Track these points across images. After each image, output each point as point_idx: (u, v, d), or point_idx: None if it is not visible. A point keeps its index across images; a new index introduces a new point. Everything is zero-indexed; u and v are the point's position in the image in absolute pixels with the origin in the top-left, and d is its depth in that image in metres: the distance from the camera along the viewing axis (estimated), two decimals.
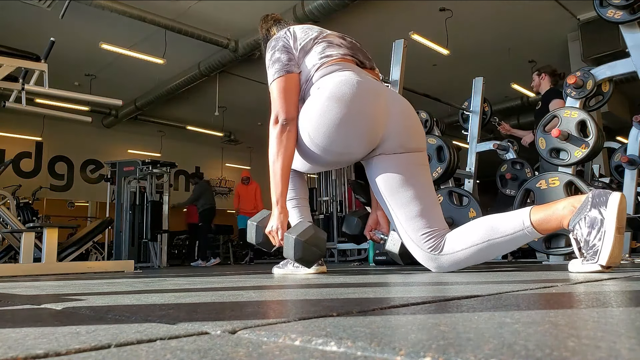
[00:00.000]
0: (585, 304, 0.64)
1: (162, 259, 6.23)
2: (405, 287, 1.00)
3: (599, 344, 0.34)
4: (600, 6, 2.65)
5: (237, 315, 0.59)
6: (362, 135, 1.60)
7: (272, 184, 1.72)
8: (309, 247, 1.66)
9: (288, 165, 1.69)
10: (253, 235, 1.84)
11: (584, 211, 1.30)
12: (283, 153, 1.66)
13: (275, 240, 1.76)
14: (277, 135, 1.67)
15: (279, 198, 1.71)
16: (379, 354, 0.35)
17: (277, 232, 1.73)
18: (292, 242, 1.65)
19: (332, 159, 1.68)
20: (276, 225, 1.73)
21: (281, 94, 1.70)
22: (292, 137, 1.67)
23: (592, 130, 2.60)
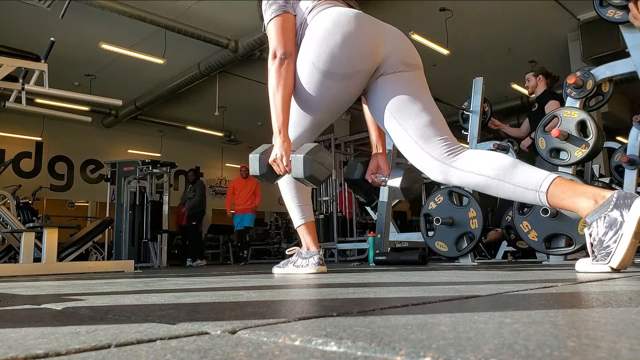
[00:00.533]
0: (585, 304, 0.64)
1: (162, 259, 6.23)
2: (405, 287, 1.00)
3: (599, 344, 0.34)
4: (600, 6, 2.65)
5: (237, 315, 0.59)
6: (365, 51, 1.65)
7: (274, 115, 1.76)
8: (317, 165, 1.69)
9: (288, 96, 1.75)
10: (257, 167, 1.84)
11: (605, 210, 1.28)
12: (283, 85, 1.73)
13: (279, 168, 1.78)
14: (276, 69, 1.73)
15: (281, 127, 1.75)
16: (379, 354, 0.35)
17: (282, 159, 1.75)
18: (302, 160, 1.68)
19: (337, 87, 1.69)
20: (280, 152, 1.75)
21: (279, 31, 1.76)
22: (290, 70, 1.74)
23: (592, 130, 2.60)
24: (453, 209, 3.03)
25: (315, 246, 2.04)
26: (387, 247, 3.60)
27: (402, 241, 4.13)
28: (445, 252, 3.05)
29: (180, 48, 7.46)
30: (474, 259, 3.13)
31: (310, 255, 2.02)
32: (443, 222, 3.00)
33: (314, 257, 2.00)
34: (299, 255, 2.06)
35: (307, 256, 2.03)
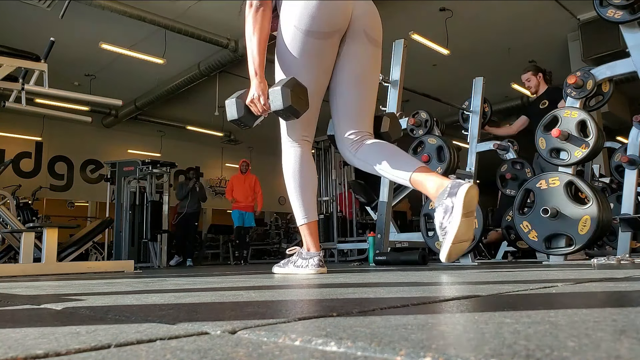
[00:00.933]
0: (585, 304, 0.64)
1: (162, 259, 6.23)
2: (405, 287, 1.00)
3: (599, 344, 0.34)
4: (600, 6, 2.65)
5: (237, 315, 0.59)
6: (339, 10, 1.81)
7: (250, 58, 1.85)
8: (296, 95, 1.72)
9: (264, 39, 1.85)
10: (234, 111, 1.85)
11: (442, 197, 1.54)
12: (259, 29, 1.82)
13: (257, 107, 1.82)
14: (252, 15, 1.83)
15: (257, 69, 1.84)
16: (379, 354, 0.35)
17: (259, 99, 1.81)
18: (279, 91, 1.71)
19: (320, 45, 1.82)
20: (257, 92, 1.81)
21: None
22: (266, 16, 1.84)
23: (592, 130, 2.60)
24: None
25: (316, 248, 2.03)
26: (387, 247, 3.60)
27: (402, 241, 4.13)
28: None
29: (180, 48, 7.46)
30: (474, 259, 3.13)
31: (310, 257, 2.00)
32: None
33: (314, 258, 1.99)
34: (300, 256, 2.05)
35: (307, 257, 2.01)
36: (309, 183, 2.03)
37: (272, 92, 1.74)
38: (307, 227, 2.03)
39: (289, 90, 1.71)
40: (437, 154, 3.14)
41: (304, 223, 2.03)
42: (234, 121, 1.89)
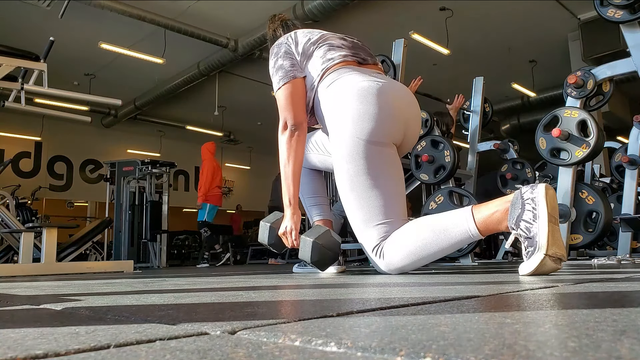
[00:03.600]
0: (586, 304, 0.64)
1: (162, 259, 6.23)
2: (405, 288, 1.00)
3: (600, 344, 0.34)
4: (600, 6, 2.65)
5: (237, 315, 0.59)
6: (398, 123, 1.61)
7: (284, 186, 1.76)
8: (325, 250, 1.71)
9: (299, 168, 1.75)
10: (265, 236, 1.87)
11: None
12: (294, 157, 1.73)
13: (288, 241, 1.79)
14: (287, 141, 1.73)
15: (292, 199, 1.76)
16: (379, 354, 0.35)
17: (291, 232, 1.77)
18: (310, 244, 1.70)
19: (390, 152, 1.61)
20: (290, 226, 1.78)
21: (288, 100, 1.72)
22: (301, 141, 1.74)
23: (592, 130, 2.60)
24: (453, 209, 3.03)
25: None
26: None
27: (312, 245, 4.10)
28: None
29: (180, 47, 7.46)
30: (474, 259, 3.13)
31: None
32: None
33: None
34: None
35: None
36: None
37: (303, 241, 1.73)
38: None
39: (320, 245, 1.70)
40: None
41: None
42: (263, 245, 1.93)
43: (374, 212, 1.54)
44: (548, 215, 1.26)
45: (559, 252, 1.26)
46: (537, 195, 1.28)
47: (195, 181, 13.34)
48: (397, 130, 1.62)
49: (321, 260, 1.72)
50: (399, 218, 1.58)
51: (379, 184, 1.55)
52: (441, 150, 3.12)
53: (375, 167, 1.56)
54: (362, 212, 1.56)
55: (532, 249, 1.27)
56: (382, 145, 1.57)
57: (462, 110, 4.16)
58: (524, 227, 1.29)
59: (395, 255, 1.50)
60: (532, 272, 1.27)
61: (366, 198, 1.55)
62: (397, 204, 1.59)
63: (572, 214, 2.79)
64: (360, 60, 1.80)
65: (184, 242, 10.38)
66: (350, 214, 1.60)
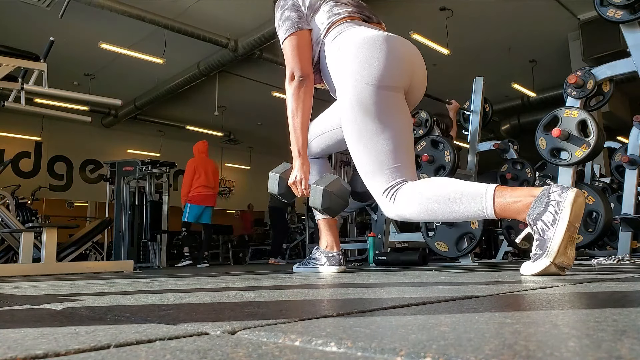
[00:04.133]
0: (586, 304, 0.64)
1: (162, 259, 6.23)
2: (405, 288, 1.00)
3: (600, 344, 0.34)
4: (600, 5, 2.65)
5: (237, 315, 0.59)
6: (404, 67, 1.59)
7: (293, 137, 1.78)
8: (335, 198, 1.76)
9: (307, 119, 1.77)
10: (275, 187, 1.91)
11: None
12: (302, 107, 1.74)
13: (298, 190, 1.83)
14: (294, 92, 1.73)
15: (301, 149, 1.79)
16: (379, 354, 0.35)
17: (301, 182, 1.81)
18: (321, 192, 1.74)
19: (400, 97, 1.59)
20: (300, 175, 1.81)
21: (295, 51, 1.74)
22: (309, 91, 1.75)
23: (592, 130, 2.60)
24: None
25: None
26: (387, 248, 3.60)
27: (402, 241, 4.13)
28: (446, 252, 3.05)
29: (180, 47, 7.45)
30: (474, 259, 3.13)
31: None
32: (443, 222, 2.99)
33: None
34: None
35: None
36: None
37: (313, 188, 1.76)
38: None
39: (330, 192, 1.74)
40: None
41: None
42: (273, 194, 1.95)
43: (384, 157, 1.52)
44: (569, 224, 1.22)
45: (566, 262, 1.24)
46: (564, 200, 1.24)
47: None
48: (405, 75, 1.60)
49: (332, 207, 1.76)
50: (409, 163, 1.56)
51: (388, 129, 1.53)
52: (441, 150, 3.12)
53: (383, 112, 1.53)
54: (372, 157, 1.54)
55: (541, 253, 1.25)
56: (391, 90, 1.55)
57: (462, 110, 4.16)
58: (540, 227, 1.26)
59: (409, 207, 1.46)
60: (533, 274, 1.26)
61: (375, 143, 1.53)
62: (406, 150, 1.57)
63: None
64: (365, 17, 1.82)
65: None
66: (360, 162, 1.57)
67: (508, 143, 4.44)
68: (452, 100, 4.12)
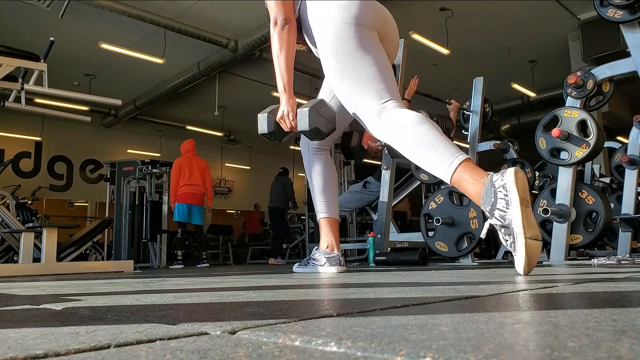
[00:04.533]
0: (585, 304, 0.64)
1: (162, 259, 6.23)
2: (405, 288, 1.00)
3: (600, 344, 0.34)
4: (600, 6, 2.65)
5: (237, 315, 0.59)
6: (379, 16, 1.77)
7: (278, 75, 1.84)
8: (321, 117, 1.78)
9: (291, 56, 1.83)
10: (265, 125, 1.91)
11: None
12: (286, 47, 1.81)
13: (286, 124, 1.86)
14: (278, 33, 1.82)
15: (286, 85, 1.84)
16: (379, 354, 0.35)
17: (289, 115, 1.84)
18: (307, 113, 1.76)
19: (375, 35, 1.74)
20: (287, 109, 1.84)
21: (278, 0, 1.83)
22: (292, 32, 1.82)
23: (592, 130, 2.60)
24: (453, 209, 3.03)
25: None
26: (387, 248, 3.60)
27: (402, 241, 4.13)
28: (446, 252, 3.05)
29: (180, 48, 7.46)
30: (474, 259, 3.13)
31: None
32: (443, 222, 2.99)
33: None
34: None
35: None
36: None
37: (299, 112, 1.80)
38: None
39: (315, 112, 1.77)
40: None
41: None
42: (264, 135, 1.96)
43: (372, 81, 1.63)
44: (520, 199, 1.27)
45: (534, 234, 1.29)
46: (507, 181, 1.29)
47: None
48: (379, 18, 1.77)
49: (319, 126, 1.78)
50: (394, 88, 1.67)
51: (369, 58, 1.66)
52: None
53: (363, 44, 1.67)
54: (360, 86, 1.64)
55: (511, 238, 1.29)
56: (369, 28, 1.71)
57: (462, 110, 4.16)
58: (498, 215, 1.30)
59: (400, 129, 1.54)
60: (526, 262, 1.27)
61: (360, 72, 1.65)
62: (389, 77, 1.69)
63: (572, 214, 2.79)
64: None
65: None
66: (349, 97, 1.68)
67: (508, 143, 4.44)
68: (452, 101, 4.12)
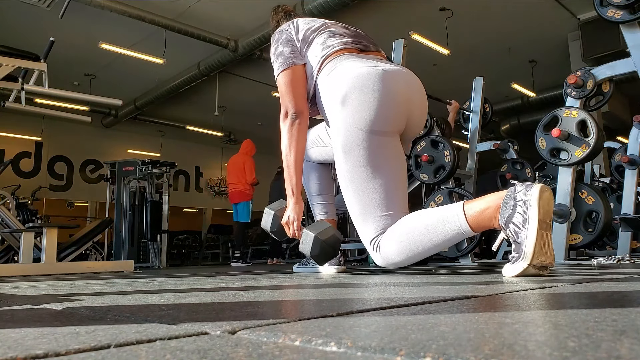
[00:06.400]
0: (585, 304, 0.64)
1: (162, 259, 6.23)
2: (405, 287, 1.00)
3: (600, 344, 0.34)
4: (600, 6, 2.65)
5: (237, 315, 0.59)
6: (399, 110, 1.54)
7: (287, 176, 1.76)
8: (326, 246, 1.73)
9: (301, 157, 1.74)
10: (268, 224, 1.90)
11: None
12: (295, 146, 1.71)
13: (290, 231, 1.81)
14: (288, 129, 1.72)
15: (294, 189, 1.77)
16: (379, 354, 0.35)
17: (293, 222, 1.79)
18: (312, 239, 1.72)
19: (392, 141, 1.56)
20: (293, 216, 1.79)
21: (288, 88, 1.71)
22: (302, 129, 1.72)
23: (592, 130, 2.60)
24: None
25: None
26: None
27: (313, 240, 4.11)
28: (446, 252, 3.05)
29: (180, 48, 7.46)
30: (474, 259, 3.13)
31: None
32: None
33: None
34: None
35: None
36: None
37: (305, 234, 1.74)
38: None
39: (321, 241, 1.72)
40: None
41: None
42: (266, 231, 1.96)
43: (373, 205, 1.49)
44: (539, 222, 1.19)
45: (545, 261, 1.21)
46: (530, 198, 1.21)
47: (195, 181, 13.33)
48: (399, 118, 1.56)
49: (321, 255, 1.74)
50: (400, 211, 1.52)
51: (379, 176, 1.50)
52: (441, 150, 3.12)
53: (375, 158, 1.50)
54: (361, 204, 1.51)
55: (518, 256, 1.23)
56: (383, 135, 1.52)
57: (462, 110, 4.16)
58: (512, 230, 1.24)
59: (391, 250, 1.46)
60: (514, 276, 1.24)
61: (365, 190, 1.50)
62: (398, 197, 1.53)
63: (572, 214, 2.79)
64: (361, 47, 1.75)
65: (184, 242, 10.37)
66: (350, 206, 1.56)
67: (508, 143, 4.45)
68: (452, 101, 4.12)
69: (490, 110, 4.19)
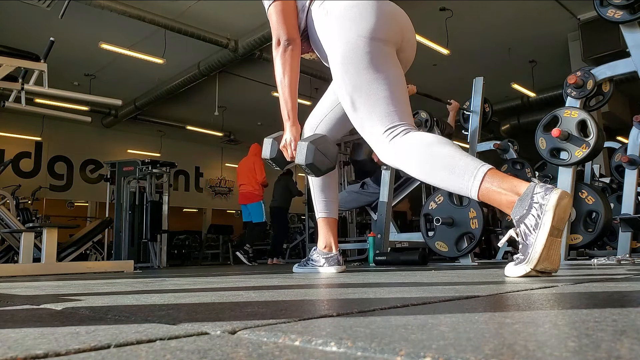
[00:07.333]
0: (586, 304, 0.64)
1: (162, 259, 6.23)
2: (405, 287, 1.00)
3: (600, 344, 0.34)
4: (600, 6, 2.65)
5: (237, 315, 0.59)
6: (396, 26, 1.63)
7: (282, 100, 1.78)
8: (319, 154, 1.73)
9: (295, 81, 1.76)
10: (268, 151, 1.91)
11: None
12: (289, 70, 1.73)
13: (288, 152, 1.82)
14: (281, 55, 1.74)
15: (290, 113, 1.78)
16: (379, 354, 0.35)
17: (291, 144, 1.80)
18: (305, 147, 1.72)
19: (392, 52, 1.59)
20: (289, 138, 1.80)
21: (280, 17, 1.73)
22: (295, 55, 1.74)
23: (592, 130, 2.60)
24: (453, 209, 3.03)
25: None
26: (387, 247, 3.60)
27: (402, 241, 4.13)
28: (446, 252, 3.05)
29: (180, 48, 7.46)
30: (474, 259, 3.13)
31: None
32: (443, 222, 3.00)
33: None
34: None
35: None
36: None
37: (299, 145, 1.75)
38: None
39: (314, 148, 1.72)
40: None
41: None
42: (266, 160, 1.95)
43: (380, 102, 1.50)
44: (551, 228, 1.16)
45: (549, 268, 1.20)
46: (547, 203, 1.17)
47: (195, 181, 13.34)
48: (396, 31, 1.62)
49: (316, 163, 1.73)
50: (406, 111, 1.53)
51: (382, 76, 1.52)
52: None
53: (377, 61, 1.52)
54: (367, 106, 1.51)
55: (523, 258, 1.21)
56: (383, 43, 1.55)
57: (462, 110, 4.16)
58: (523, 230, 1.21)
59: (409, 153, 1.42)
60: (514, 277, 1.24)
61: (369, 91, 1.51)
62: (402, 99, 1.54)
63: (572, 214, 2.79)
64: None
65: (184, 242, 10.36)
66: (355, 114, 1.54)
67: (508, 143, 4.45)
68: (452, 101, 4.12)
69: (490, 110, 4.19)
